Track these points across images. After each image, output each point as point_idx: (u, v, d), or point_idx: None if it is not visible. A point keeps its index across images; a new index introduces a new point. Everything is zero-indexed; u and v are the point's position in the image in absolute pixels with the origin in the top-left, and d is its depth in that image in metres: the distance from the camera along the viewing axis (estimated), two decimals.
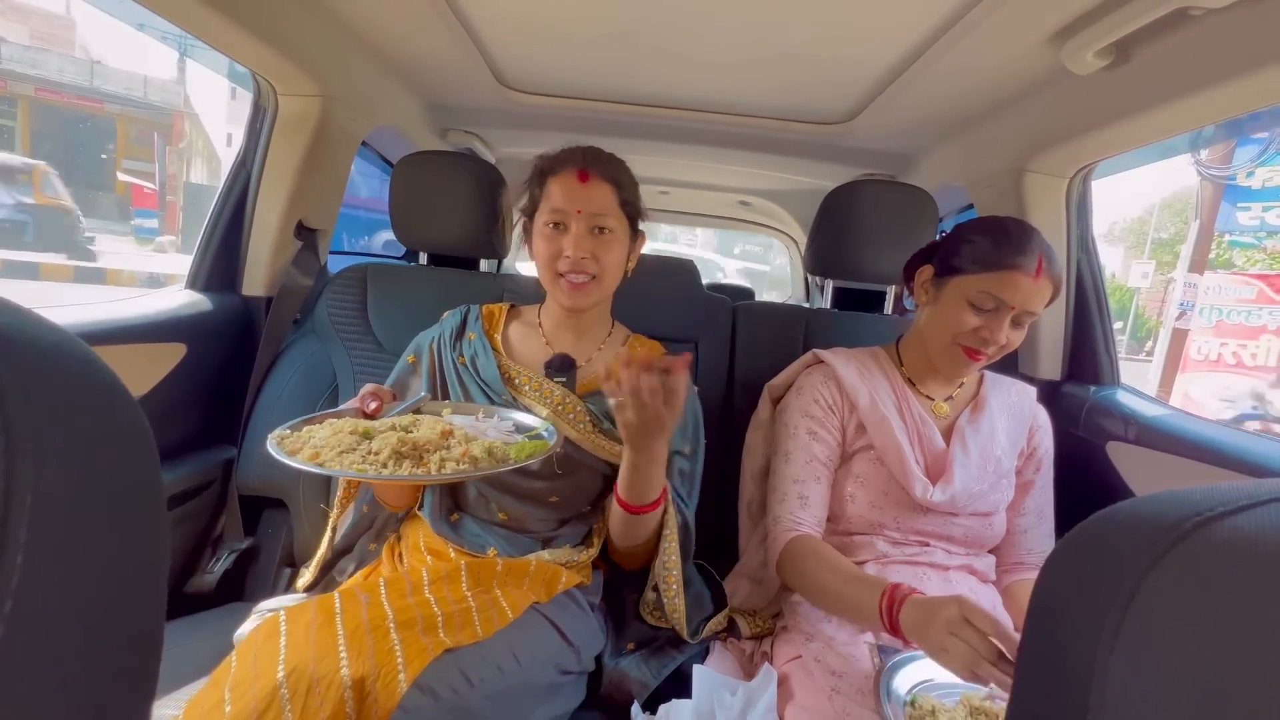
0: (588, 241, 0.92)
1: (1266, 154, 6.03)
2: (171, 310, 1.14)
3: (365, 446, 0.73)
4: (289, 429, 0.79)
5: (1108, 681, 0.22)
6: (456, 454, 0.73)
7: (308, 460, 0.70)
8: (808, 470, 0.98)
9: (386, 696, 0.64)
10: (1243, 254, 7.94)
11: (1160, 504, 0.25)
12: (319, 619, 0.69)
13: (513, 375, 0.99)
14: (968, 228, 0.95)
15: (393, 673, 0.65)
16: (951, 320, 0.92)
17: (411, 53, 1.31)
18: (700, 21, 1.07)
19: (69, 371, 0.24)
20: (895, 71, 1.18)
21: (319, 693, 0.62)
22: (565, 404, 0.96)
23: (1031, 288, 0.87)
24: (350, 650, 0.66)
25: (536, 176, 0.98)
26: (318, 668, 0.64)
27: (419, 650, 0.68)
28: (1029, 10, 0.89)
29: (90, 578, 0.23)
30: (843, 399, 1.01)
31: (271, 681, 0.62)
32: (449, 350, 1.02)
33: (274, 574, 1.18)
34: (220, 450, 1.23)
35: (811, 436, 1.00)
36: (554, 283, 0.95)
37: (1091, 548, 0.26)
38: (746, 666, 0.97)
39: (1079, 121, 1.10)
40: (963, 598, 0.69)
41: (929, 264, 0.99)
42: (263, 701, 0.61)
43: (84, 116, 13.17)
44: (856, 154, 1.70)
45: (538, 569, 0.89)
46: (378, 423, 0.80)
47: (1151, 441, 1.09)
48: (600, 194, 0.93)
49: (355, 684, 0.63)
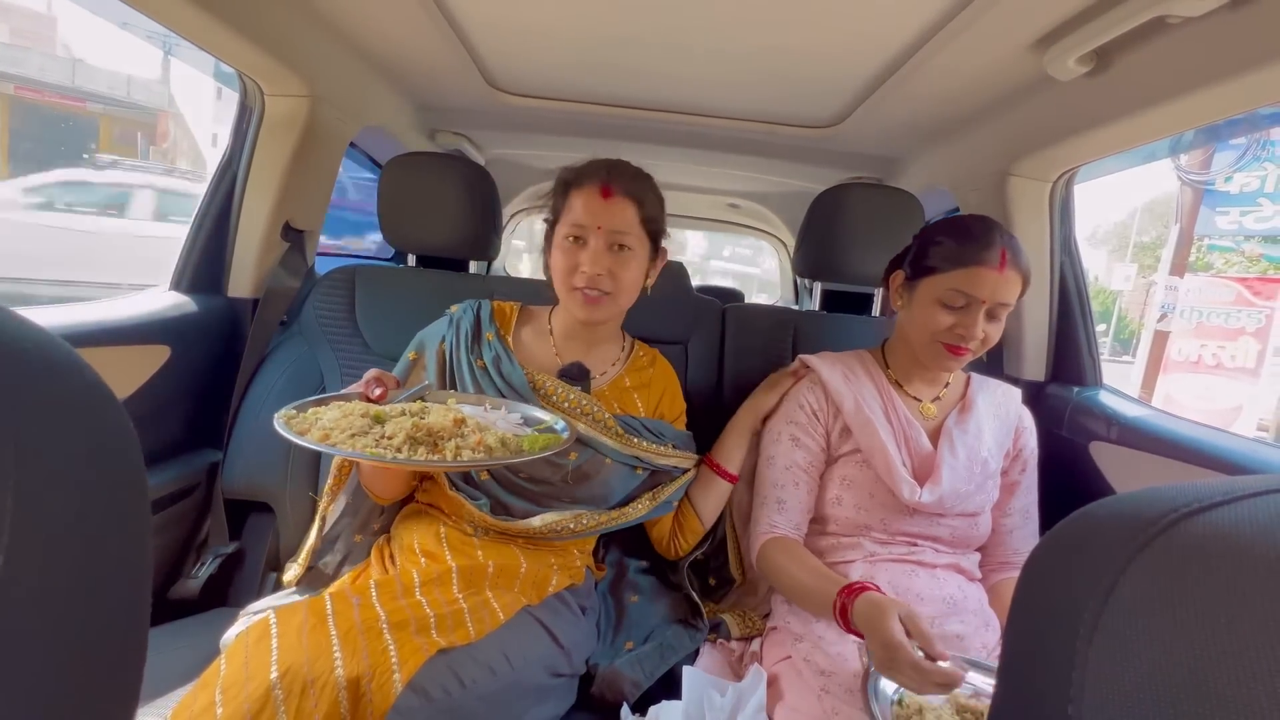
0: (605, 258, 0.91)
1: (1244, 159, 6.16)
2: (155, 312, 1.12)
3: (378, 430, 0.72)
4: (294, 409, 0.76)
5: (1087, 673, 0.22)
6: (472, 442, 0.72)
7: (319, 440, 0.68)
8: (787, 476, 1.00)
9: (381, 697, 0.63)
10: (1222, 257, 8.10)
11: (1139, 500, 0.25)
12: (310, 620, 0.69)
13: (539, 383, 0.97)
14: (932, 229, 0.97)
15: (387, 673, 0.65)
16: (927, 320, 0.94)
17: (400, 54, 1.30)
18: (689, 26, 1.07)
19: (53, 373, 0.23)
20: (881, 77, 1.19)
21: (314, 694, 0.62)
22: (594, 411, 0.96)
23: (998, 280, 0.89)
24: (345, 651, 0.65)
25: (560, 187, 0.96)
26: (312, 668, 0.63)
27: (413, 650, 0.67)
28: (1012, 17, 0.90)
29: (73, 582, 0.23)
30: (828, 404, 1.02)
31: (265, 682, 0.62)
32: (465, 351, 0.99)
33: (259, 578, 1.16)
34: (205, 454, 1.21)
35: (794, 443, 1.01)
36: (569, 295, 0.94)
37: (1072, 543, 0.27)
38: (736, 667, 0.98)
39: (1061, 126, 1.11)
40: (906, 613, 0.72)
41: (901, 269, 1.01)
42: (256, 703, 0.60)
43: (65, 116, 12.97)
44: (844, 157, 1.72)
45: (528, 570, 0.89)
46: (388, 407, 0.78)
47: (1133, 441, 1.10)
48: (621, 211, 0.91)
49: (350, 684, 0.63)
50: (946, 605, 0.91)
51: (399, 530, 0.98)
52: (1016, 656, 0.28)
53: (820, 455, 1.02)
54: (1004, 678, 0.29)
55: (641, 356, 1.08)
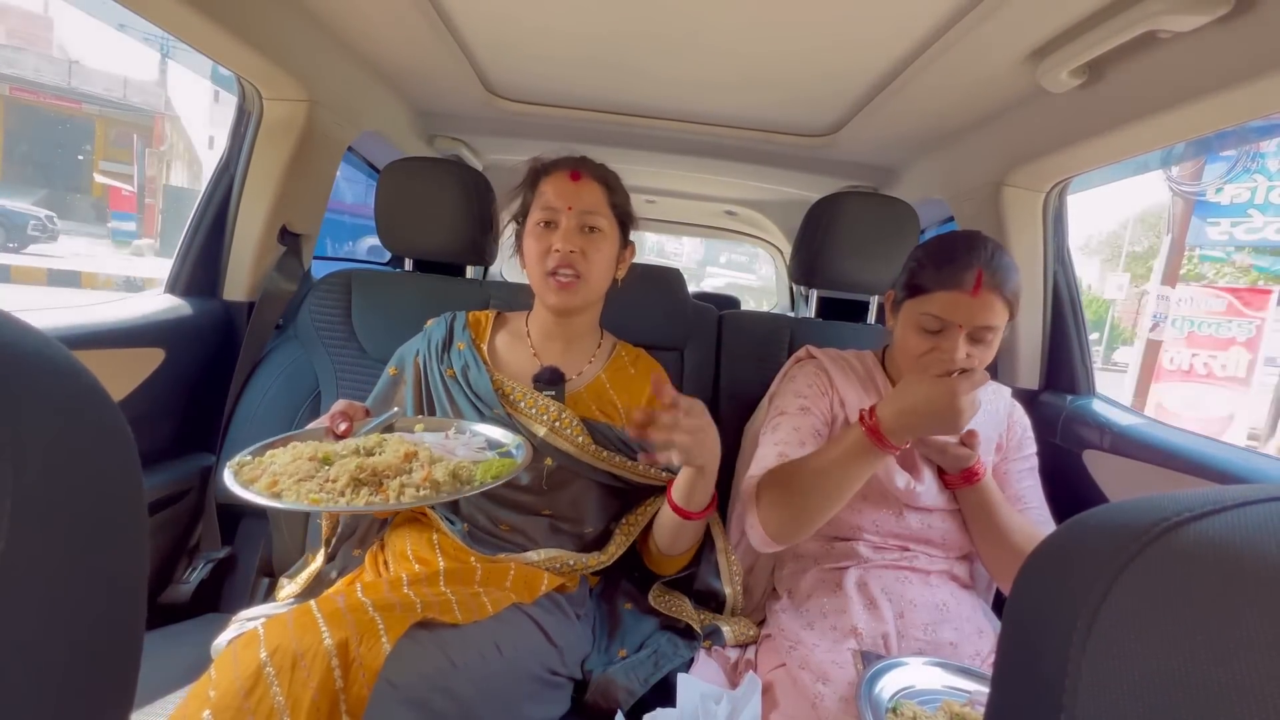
0: (577, 238, 0.93)
1: (1234, 171, 6.24)
2: (150, 315, 1.12)
3: (324, 473, 0.71)
4: (250, 454, 0.76)
5: (1080, 682, 0.23)
6: (418, 478, 0.71)
7: (265, 489, 0.68)
8: (793, 435, 0.96)
9: (371, 657, 0.63)
10: (1213, 267, 8.19)
11: (1130, 510, 0.26)
12: (295, 614, 0.69)
13: (507, 390, 0.98)
14: (917, 250, 0.96)
15: (375, 635, 0.65)
16: (907, 344, 0.93)
17: (399, 59, 1.31)
18: (688, 35, 1.08)
19: (50, 375, 0.23)
20: (877, 87, 1.20)
21: (305, 665, 0.61)
22: (561, 419, 0.96)
23: (972, 305, 0.85)
24: (330, 625, 0.66)
25: (530, 177, 0.99)
26: (300, 644, 0.63)
27: (398, 620, 0.68)
28: (1006, 30, 0.91)
29: (69, 584, 0.22)
30: (832, 390, 1.03)
31: (255, 661, 0.61)
32: (436, 362, 1.00)
33: (251, 584, 1.16)
34: (198, 458, 1.20)
35: (803, 411, 0.99)
36: (543, 281, 0.95)
37: (1065, 552, 0.27)
38: (731, 675, 0.97)
39: (1055, 138, 1.13)
40: (913, 377, 0.81)
41: (894, 288, 1.01)
42: (248, 680, 0.60)
43: (61, 117, 12.93)
44: (840, 166, 1.73)
45: (518, 572, 0.89)
46: (340, 445, 0.77)
47: (1126, 450, 1.11)
48: (591, 192, 0.95)
49: (339, 648, 0.63)
50: (939, 612, 0.91)
51: (392, 537, 0.98)
52: (1010, 664, 0.29)
53: (825, 427, 1.00)
54: (998, 685, 0.29)
55: (623, 355, 1.08)
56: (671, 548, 0.97)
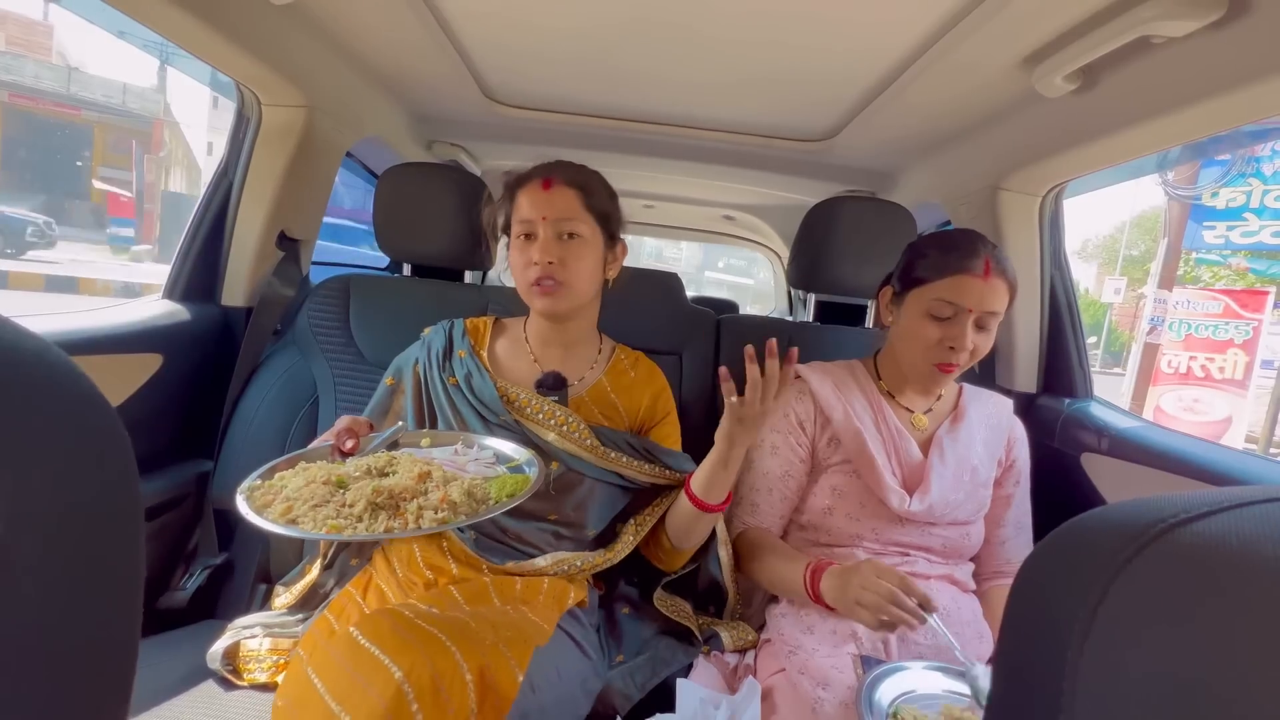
0: (555, 247, 0.93)
1: (1229, 175, 6.28)
2: (148, 320, 1.12)
3: (340, 498, 0.70)
4: (259, 478, 0.76)
5: (1078, 683, 0.23)
6: (435, 500, 0.71)
7: (280, 517, 0.67)
8: (763, 481, 1.02)
9: (507, 685, 0.68)
10: (1209, 270, 8.22)
11: (1128, 511, 0.26)
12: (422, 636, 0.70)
13: (511, 396, 0.97)
14: (917, 243, 0.99)
15: (505, 665, 0.69)
16: (916, 333, 0.94)
17: (398, 65, 1.31)
18: (685, 40, 1.09)
19: (48, 380, 0.23)
20: (874, 92, 1.21)
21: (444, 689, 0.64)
22: (569, 423, 0.96)
23: (983, 288, 0.89)
24: (463, 652, 0.68)
25: (506, 193, 0.99)
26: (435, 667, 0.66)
27: (523, 647, 0.73)
28: (1001, 35, 0.92)
29: (66, 590, 0.22)
30: (816, 413, 1.02)
31: (393, 684, 0.63)
32: (437, 370, 0.99)
33: (249, 591, 1.15)
34: (195, 463, 1.20)
35: (773, 452, 1.02)
36: (529, 291, 0.95)
37: (1062, 554, 0.27)
38: (730, 680, 0.97)
39: (1050, 142, 1.13)
40: (873, 559, 0.82)
41: (889, 285, 1.02)
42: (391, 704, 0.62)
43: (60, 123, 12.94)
44: (837, 171, 1.74)
45: (550, 586, 0.90)
46: (351, 467, 0.77)
47: (1123, 453, 1.11)
48: (564, 199, 0.94)
49: (476, 675, 0.66)
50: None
51: (398, 542, 0.97)
52: (1008, 667, 0.29)
53: (800, 465, 1.02)
54: (996, 688, 0.29)
55: (623, 359, 1.08)
56: (683, 541, 0.98)
